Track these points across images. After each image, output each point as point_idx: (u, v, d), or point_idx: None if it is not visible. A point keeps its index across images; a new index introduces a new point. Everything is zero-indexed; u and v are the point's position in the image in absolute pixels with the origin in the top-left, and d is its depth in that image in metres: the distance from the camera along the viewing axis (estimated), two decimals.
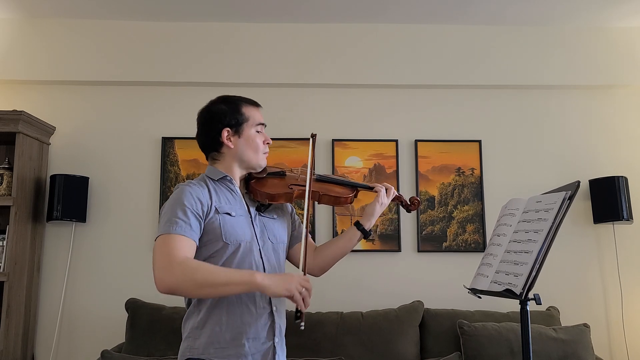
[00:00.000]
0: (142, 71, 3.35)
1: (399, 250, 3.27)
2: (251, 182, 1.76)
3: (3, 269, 2.89)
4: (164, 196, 3.26)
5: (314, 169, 1.77)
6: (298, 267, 1.66)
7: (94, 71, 3.34)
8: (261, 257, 1.67)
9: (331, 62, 3.40)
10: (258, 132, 1.74)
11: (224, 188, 1.69)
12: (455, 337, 2.85)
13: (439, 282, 3.22)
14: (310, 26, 3.43)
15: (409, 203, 1.97)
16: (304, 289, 1.53)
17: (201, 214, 1.59)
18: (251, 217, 1.71)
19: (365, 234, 1.86)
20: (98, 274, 3.20)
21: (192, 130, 3.47)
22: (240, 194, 1.73)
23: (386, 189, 1.89)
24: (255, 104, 1.79)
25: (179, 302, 3.04)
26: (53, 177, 3.13)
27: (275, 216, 1.79)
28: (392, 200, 1.91)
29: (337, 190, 1.86)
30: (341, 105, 3.42)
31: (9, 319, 2.87)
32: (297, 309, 1.54)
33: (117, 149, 3.34)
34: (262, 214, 1.75)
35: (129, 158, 3.33)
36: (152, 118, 3.37)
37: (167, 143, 3.33)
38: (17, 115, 2.95)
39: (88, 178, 3.23)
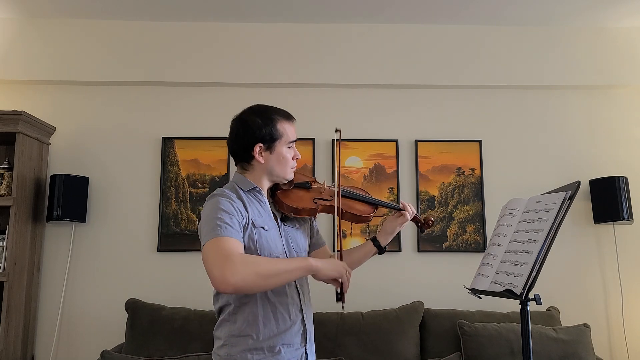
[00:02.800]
0: (142, 71, 3.35)
1: (399, 250, 3.26)
2: (277, 193, 1.78)
3: (3, 269, 2.88)
4: (164, 196, 3.26)
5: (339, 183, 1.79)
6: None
7: (94, 71, 3.34)
8: None
9: (331, 62, 3.40)
10: (289, 147, 1.75)
11: (253, 199, 1.70)
12: (456, 338, 2.85)
13: (439, 282, 3.22)
14: (310, 26, 3.43)
15: (423, 222, 2.00)
16: (347, 273, 1.64)
17: (241, 224, 1.60)
18: (279, 228, 1.74)
19: (381, 250, 1.88)
20: (98, 274, 3.20)
21: (192, 130, 3.49)
22: (269, 205, 1.75)
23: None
24: (290, 118, 1.78)
25: (179, 302, 3.04)
26: (53, 177, 3.13)
27: (297, 225, 1.82)
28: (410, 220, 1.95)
29: (359, 209, 1.86)
30: (341, 105, 3.42)
31: (9, 319, 2.87)
32: (337, 291, 1.64)
33: (117, 149, 3.33)
34: (285, 224, 1.78)
35: (129, 158, 3.33)
36: (152, 118, 3.37)
37: (167, 143, 3.33)
38: (17, 115, 2.94)
39: (88, 178, 3.23)
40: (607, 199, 3.17)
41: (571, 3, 3.19)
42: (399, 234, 3.23)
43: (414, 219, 1.97)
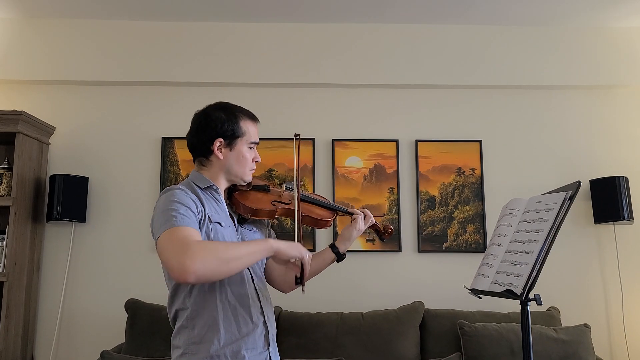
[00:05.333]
0: (142, 71, 3.35)
1: (399, 250, 3.26)
2: (234, 194, 1.74)
3: (3, 269, 2.88)
4: None
5: (299, 185, 1.76)
6: (270, 284, 1.79)
7: (94, 71, 3.34)
8: (247, 268, 1.65)
9: (331, 62, 3.39)
10: (250, 148, 1.71)
11: (209, 197, 1.65)
12: (456, 338, 2.85)
13: (440, 282, 3.22)
14: (310, 26, 3.43)
15: (382, 231, 2.00)
16: (308, 255, 1.60)
17: (197, 216, 1.55)
18: (236, 228, 1.70)
19: (339, 257, 1.86)
20: (98, 274, 3.20)
21: None
22: (225, 205, 1.71)
23: (365, 216, 1.89)
24: (254, 119, 1.74)
25: None
26: (53, 177, 3.13)
27: (254, 228, 1.78)
28: (368, 227, 1.93)
29: (318, 212, 1.85)
30: (341, 105, 3.42)
31: (9, 319, 2.87)
32: (297, 276, 1.61)
33: (117, 149, 3.33)
34: (242, 226, 1.74)
35: (129, 158, 3.33)
36: (152, 118, 3.37)
37: (167, 143, 3.33)
38: (16, 115, 2.94)
39: (88, 178, 3.23)
40: (607, 199, 3.17)
41: (571, 3, 3.19)
42: (398, 234, 3.26)
43: (373, 227, 1.96)
